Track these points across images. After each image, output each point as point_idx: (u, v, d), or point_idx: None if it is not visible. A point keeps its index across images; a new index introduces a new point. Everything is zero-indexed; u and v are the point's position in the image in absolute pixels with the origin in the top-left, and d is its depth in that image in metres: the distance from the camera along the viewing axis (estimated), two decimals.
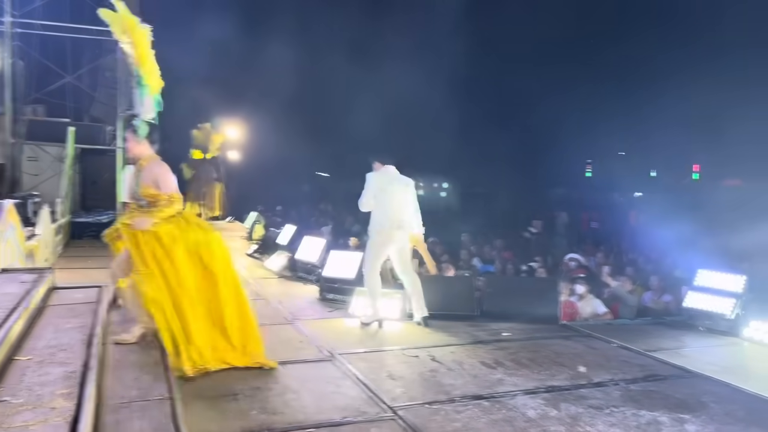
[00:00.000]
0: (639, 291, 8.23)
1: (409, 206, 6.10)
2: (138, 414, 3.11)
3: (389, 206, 5.98)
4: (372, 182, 6.04)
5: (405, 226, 6.04)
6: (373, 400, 4.01)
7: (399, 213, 6.00)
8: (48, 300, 4.89)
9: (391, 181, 6.05)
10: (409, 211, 6.09)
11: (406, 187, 6.12)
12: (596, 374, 4.67)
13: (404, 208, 6.05)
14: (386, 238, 5.99)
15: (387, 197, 5.99)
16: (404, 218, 6.03)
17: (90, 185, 14.11)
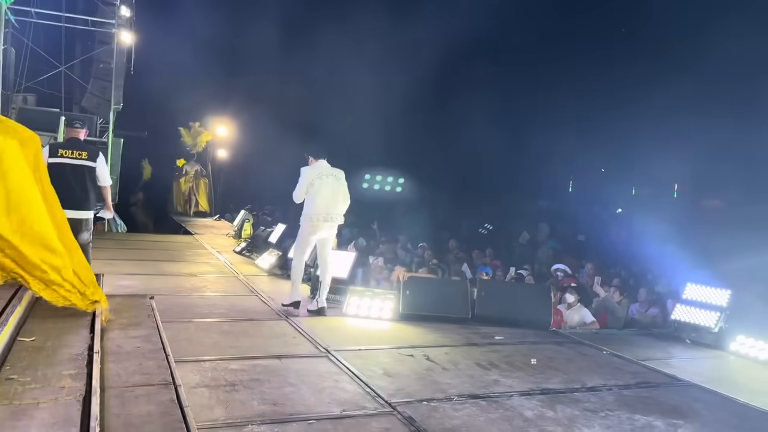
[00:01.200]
0: (626, 302, 8.34)
1: (339, 198, 6.40)
2: (144, 398, 3.10)
3: (319, 198, 6.31)
4: (304, 176, 6.37)
5: (333, 218, 6.39)
6: (371, 395, 4.03)
7: (327, 205, 6.34)
8: None
9: (320, 175, 6.36)
10: (340, 204, 6.41)
11: (337, 180, 6.44)
12: (590, 379, 4.74)
13: (334, 200, 6.37)
14: (314, 229, 6.36)
15: (316, 190, 6.31)
16: (332, 211, 6.37)
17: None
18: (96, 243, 10.66)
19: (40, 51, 13.16)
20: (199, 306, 6.34)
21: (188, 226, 14.51)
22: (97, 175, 6.36)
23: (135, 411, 2.93)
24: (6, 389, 2.63)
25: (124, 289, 6.76)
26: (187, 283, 7.58)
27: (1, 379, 2.71)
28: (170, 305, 6.18)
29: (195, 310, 6.12)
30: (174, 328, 5.29)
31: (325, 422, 3.51)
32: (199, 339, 5.09)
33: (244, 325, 5.69)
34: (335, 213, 6.40)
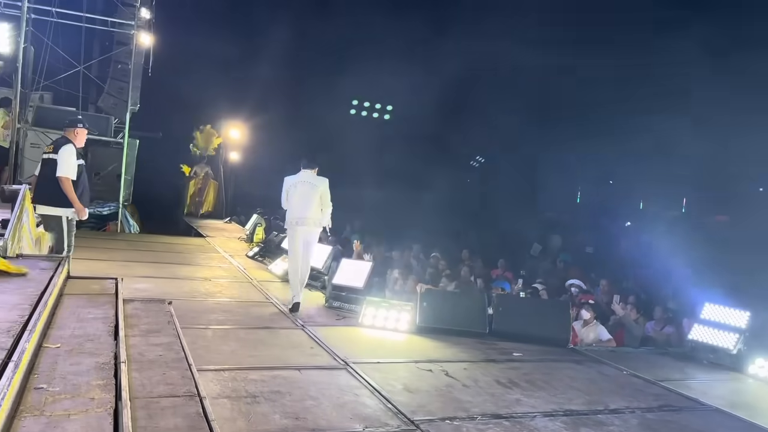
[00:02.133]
0: (642, 321, 8.26)
1: (313, 204, 6.79)
2: (170, 410, 3.06)
3: (291, 205, 6.87)
4: (284, 184, 6.97)
5: (305, 222, 6.80)
6: (392, 411, 3.99)
7: (299, 211, 6.80)
8: (66, 288, 4.84)
9: (295, 183, 6.87)
10: (312, 208, 6.79)
11: (312, 187, 6.82)
12: (612, 401, 4.68)
13: (304, 206, 6.78)
14: (292, 233, 6.93)
15: (290, 197, 6.88)
16: (302, 215, 6.78)
17: (93, 176, 13.97)
18: (109, 244, 10.74)
19: (58, 50, 13.21)
20: (215, 312, 6.31)
21: (200, 229, 14.50)
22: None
23: (162, 424, 2.89)
24: (37, 399, 2.60)
25: (141, 293, 6.73)
26: (202, 288, 7.56)
27: (30, 389, 2.69)
28: (186, 310, 6.15)
29: (211, 316, 6.10)
30: (191, 335, 5.25)
31: None
32: (216, 347, 5.06)
33: (261, 334, 5.66)
34: (306, 217, 6.79)
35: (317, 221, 6.93)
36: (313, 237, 7.02)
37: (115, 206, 12.58)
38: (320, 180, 6.95)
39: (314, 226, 6.93)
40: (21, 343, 2.77)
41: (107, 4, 13.76)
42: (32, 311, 3.30)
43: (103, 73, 14.91)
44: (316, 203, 6.88)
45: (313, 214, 6.85)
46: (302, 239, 6.88)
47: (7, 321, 3.09)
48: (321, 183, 6.93)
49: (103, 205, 12.85)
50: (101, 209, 12.52)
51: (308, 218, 6.84)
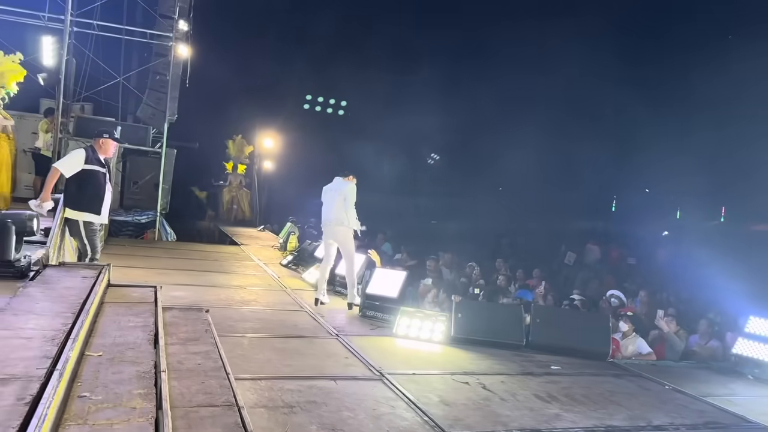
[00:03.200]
0: (683, 334, 8.04)
1: (336, 206, 7.33)
2: (209, 420, 3.07)
3: (323, 209, 7.55)
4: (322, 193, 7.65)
5: (328, 223, 7.43)
6: (429, 425, 3.94)
7: (325, 213, 7.50)
8: (106, 296, 4.91)
9: (327, 190, 7.55)
10: (336, 210, 7.33)
11: (338, 192, 7.37)
12: (654, 416, 4.55)
13: (330, 208, 7.40)
14: (324, 234, 7.68)
15: (323, 202, 7.56)
16: (328, 216, 7.42)
17: (131, 185, 14.29)
18: (146, 251, 10.91)
19: (99, 62, 13.54)
20: (250, 320, 6.35)
21: (234, 237, 14.66)
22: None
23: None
24: (80, 408, 2.62)
25: (178, 300, 6.80)
26: (237, 296, 7.61)
27: (74, 397, 2.72)
28: (222, 318, 6.20)
29: (246, 325, 6.13)
30: (228, 343, 5.29)
31: None
32: (252, 355, 5.08)
33: (296, 343, 5.66)
34: (329, 220, 7.42)
35: (341, 220, 7.33)
36: (342, 237, 7.42)
37: (153, 214, 12.79)
38: (345, 184, 7.43)
39: (339, 225, 7.37)
40: (65, 351, 2.81)
41: (146, 17, 14.08)
42: (75, 319, 3.35)
43: (142, 84, 15.21)
44: (339, 204, 7.35)
45: (336, 215, 7.36)
46: (330, 238, 7.52)
47: (52, 329, 3.14)
48: (345, 186, 7.40)
49: (141, 213, 13.10)
50: (140, 217, 12.76)
51: (332, 219, 7.38)
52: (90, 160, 6.24)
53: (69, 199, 6.15)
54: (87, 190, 6.22)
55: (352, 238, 7.49)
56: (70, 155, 6.30)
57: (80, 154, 6.21)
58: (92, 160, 6.27)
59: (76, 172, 6.23)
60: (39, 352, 2.74)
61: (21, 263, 4.59)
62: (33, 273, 4.73)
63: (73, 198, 6.18)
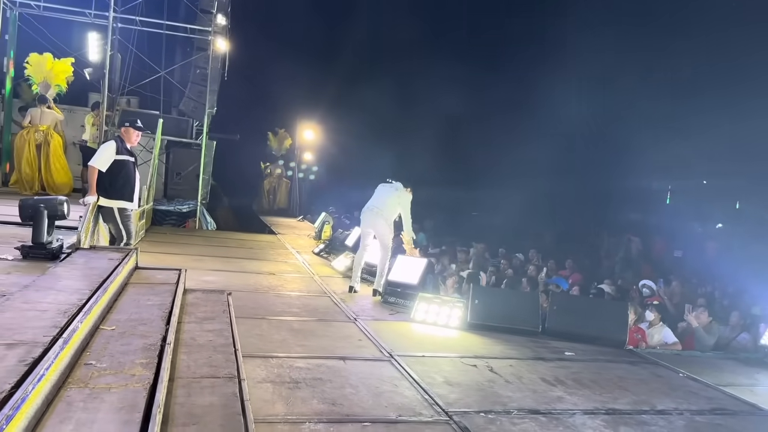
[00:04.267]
0: (715, 325, 7.88)
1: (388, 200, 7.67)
2: (208, 390, 3.28)
3: (374, 198, 7.82)
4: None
5: (373, 209, 7.65)
6: (428, 402, 4.06)
7: (373, 201, 7.78)
8: (132, 278, 5.20)
9: (382, 184, 7.89)
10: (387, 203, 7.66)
11: (393, 189, 7.72)
12: (660, 401, 4.55)
13: (380, 199, 7.72)
14: (363, 219, 7.86)
15: (375, 193, 7.88)
16: (375, 203, 7.70)
17: (174, 176, 14.81)
18: (186, 239, 11.32)
19: (143, 57, 14.06)
20: (274, 304, 6.58)
21: (273, 226, 15.04)
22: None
23: (199, 401, 3.11)
24: (84, 373, 2.86)
25: (207, 284, 7.10)
26: (266, 282, 7.87)
27: (80, 364, 2.96)
28: (247, 302, 6.47)
29: (269, 308, 6.36)
30: (248, 324, 5.54)
31: (379, 426, 3.58)
32: (269, 336, 5.29)
33: (313, 325, 5.85)
34: (376, 206, 7.65)
35: (386, 216, 7.60)
36: (382, 228, 7.66)
37: (194, 204, 13.24)
38: (405, 192, 7.76)
39: (381, 218, 7.61)
40: (74, 322, 3.05)
41: (187, 12, 14.52)
42: (91, 296, 3.60)
43: (185, 78, 15.72)
44: (392, 201, 7.66)
45: (383, 207, 7.63)
46: (369, 227, 7.73)
47: (67, 303, 3.40)
48: (404, 193, 7.74)
49: (183, 203, 13.57)
50: (181, 207, 13.22)
51: (377, 207, 7.64)
52: (120, 151, 6.57)
53: (102, 188, 6.49)
54: (119, 179, 6.56)
55: (390, 231, 7.74)
56: (101, 150, 6.63)
57: (111, 147, 6.54)
58: (122, 151, 6.59)
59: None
60: (50, 323, 2.99)
61: (53, 246, 4.91)
62: (64, 255, 5.06)
63: (106, 187, 6.52)
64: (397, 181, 7.79)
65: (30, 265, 4.54)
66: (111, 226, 6.63)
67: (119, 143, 6.62)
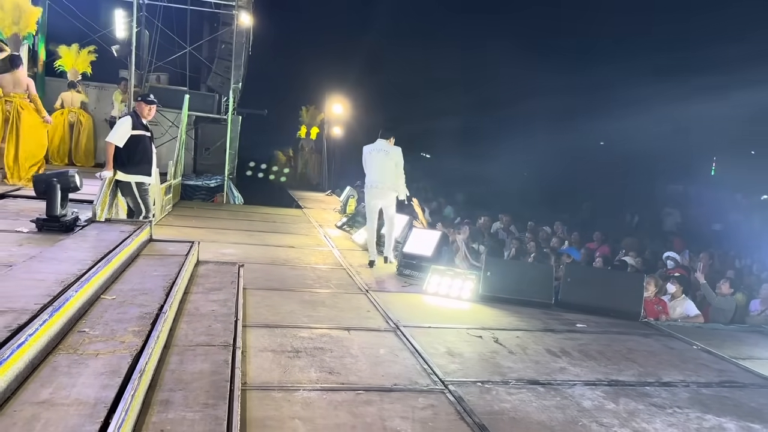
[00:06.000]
0: (739, 298, 7.68)
1: (387, 170, 7.41)
2: (201, 357, 3.36)
3: (369, 171, 7.54)
4: (363, 152, 7.65)
5: (380, 186, 7.45)
6: (427, 372, 4.08)
7: (374, 175, 7.49)
8: (143, 250, 5.33)
9: (371, 151, 7.51)
10: (387, 173, 7.42)
11: (386, 154, 7.43)
12: (667, 373, 4.47)
13: (379, 171, 7.45)
14: (369, 196, 7.62)
15: (368, 164, 7.55)
16: (378, 180, 7.45)
17: (203, 151, 15.02)
18: (213, 213, 11.52)
19: (170, 33, 14.19)
20: (288, 276, 6.66)
21: (300, 201, 15.16)
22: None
23: (189, 368, 3.19)
24: (76, 340, 2.97)
25: (225, 257, 7.23)
26: (284, 254, 7.97)
27: (74, 331, 3.06)
28: (262, 274, 6.57)
29: (283, 280, 6.45)
30: (259, 295, 5.63)
31: (373, 393, 3.61)
32: (278, 306, 5.36)
33: (324, 297, 5.91)
34: (381, 182, 7.44)
35: (392, 186, 7.50)
36: (389, 201, 7.60)
37: (222, 179, 13.43)
38: (394, 149, 7.52)
39: (389, 191, 7.52)
40: (68, 291, 3.15)
41: None
42: (92, 266, 3.71)
43: (213, 54, 15.83)
44: (391, 170, 7.49)
45: (387, 179, 7.48)
46: (378, 202, 7.57)
47: (66, 273, 3.51)
48: (395, 152, 7.51)
49: (211, 177, 13.78)
50: (209, 182, 13.42)
51: (382, 182, 7.48)
52: (136, 126, 6.67)
53: (120, 163, 6.62)
54: (136, 153, 6.67)
55: (395, 202, 7.78)
56: (118, 125, 6.72)
57: (127, 123, 6.65)
58: (138, 125, 6.70)
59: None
60: (44, 291, 3.10)
61: (67, 218, 5.06)
62: (79, 228, 5.21)
63: (124, 162, 6.64)
64: (383, 137, 7.51)
65: (43, 238, 4.69)
66: (129, 200, 6.78)
67: (135, 118, 6.72)
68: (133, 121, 6.68)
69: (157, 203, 9.27)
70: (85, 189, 5.73)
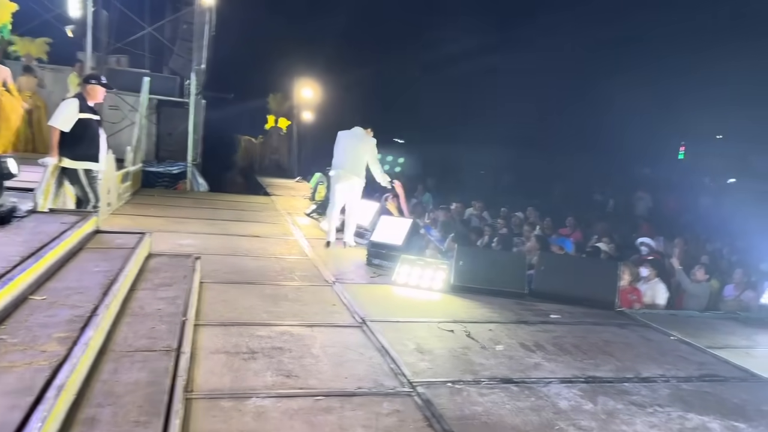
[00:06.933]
0: (714, 284, 7.55)
1: (355, 156, 7.43)
2: (139, 364, 3.02)
3: (337, 153, 7.59)
4: (338, 136, 7.69)
5: (344, 168, 7.45)
6: (394, 372, 3.79)
7: (340, 158, 7.52)
8: (87, 243, 4.93)
9: (345, 135, 7.57)
10: (354, 159, 7.42)
11: (359, 141, 7.45)
12: (646, 368, 4.25)
13: (345, 155, 7.47)
14: (334, 178, 7.62)
15: (338, 147, 7.61)
16: (343, 162, 7.47)
17: (166, 136, 14.46)
18: (174, 201, 11.06)
19: (129, 13, 13.58)
20: (250, 268, 6.31)
21: (269, 187, 14.74)
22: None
23: (124, 378, 2.85)
24: None
25: (182, 248, 6.84)
26: (247, 244, 7.60)
27: None
28: (221, 266, 6.20)
29: (244, 272, 6.10)
30: (216, 290, 5.28)
31: (333, 399, 3.31)
32: (236, 302, 5.02)
33: (287, 290, 5.58)
34: (346, 166, 7.44)
35: (358, 172, 7.47)
36: (355, 187, 7.57)
37: (184, 165, 12.94)
38: (368, 139, 7.55)
39: (354, 176, 7.48)
40: None
41: None
42: (19, 263, 3.33)
43: (176, 35, 15.24)
44: (359, 157, 7.47)
45: (353, 165, 7.45)
46: (341, 185, 7.54)
47: None
48: (368, 141, 7.53)
49: (173, 164, 13.26)
50: (171, 168, 12.92)
51: (347, 166, 7.46)
52: (83, 109, 6.22)
53: (66, 149, 6.17)
54: (84, 139, 6.22)
55: (362, 183, 7.66)
56: (62, 109, 6.24)
57: (73, 106, 6.18)
58: (85, 109, 6.24)
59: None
60: None
61: (2, 209, 4.63)
62: (17, 219, 4.78)
63: (70, 148, 6.19)
64: (360, 126, 7.58)
65: None
66: (77, 189, 6.34)
67: (81, 101, 6.26)
68: (80, 103, 6.23)
69: (113, 191, 8.82)
70: (28, 176, 5.32)
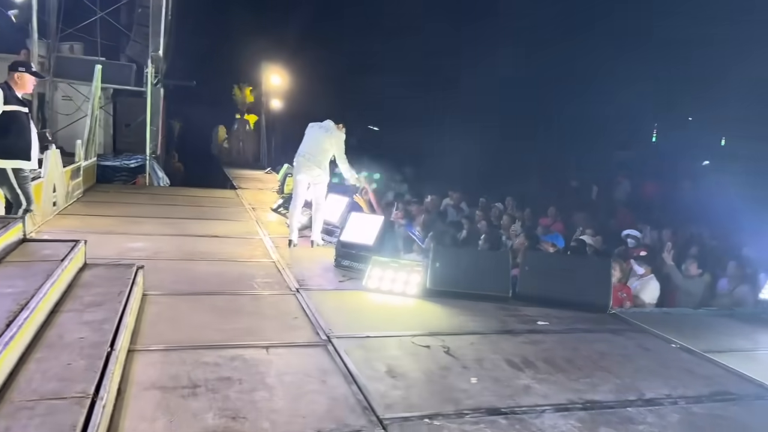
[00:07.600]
0: (706, 279, 7.11)
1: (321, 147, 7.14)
2: (39, 419, 2.41)
3: (303, 143, 7.31)
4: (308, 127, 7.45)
5: (307, 157, 7.15)
6: (362, 405, 3.22)
7: (305, 147, 7.24)
8: (9, 255, 4.27)
9: (314, 126, 7.33)
10: (319, 150, 7.14)
11: (327, 133, 7.19)
12: (650, 386, 3.74)
13: (313, 146, 7.17)
14: (296, 168, 7.31)
15: (306, 136, 7.34)
16: (307, 151, 7.18)
17: (123, 128, 13.62)
18: (131, 198, 10.33)
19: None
20: (203, 276, 5.68)
21: (236, 180, 14.05)
22: None
23: None
24: None
25: (131, 252, 6.20)
26: (205, 246, 6.97)
27: None
28: (170, 274, 5.59)
29: (196, 281, 5.48)
30: (161, 304, 4.67)
31: None
32: (183, 319, 4.41)
33: (244, 301, 4.98)
34: (309, 154, 7.12)
35: (320, 164, 7.14)
36: (318, 179, 7.24)
37: (142, 158, 12.16)
38: (337, 133, 7.21)
39: (316, 167, 7.14)
40: None
41: None
42: None
43: (132, 21, 14.37)
44: (324, 149, 7.14)
45: (316, 155, 7.13)
46: (304, 177, 7.23)
47: None
48: (336, 135, 7.19)
49: (131, 157, 12.46)
50: (129, 162, 12.14)
51: (310, 156, 7.14)
52: (8, 100, 5.49)
53: None
54: (10, 134, 5.50)
55: (326, 177, 7.25)
56: None
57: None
58: (11, 100, 5.52)
59: None
60: None
61: None
62: None
63: None
64: (332, 121, 7.30)
65: None
66: (5, 190, 5.63)
67: (7, 91, 5.53)
68: (5, 94, 5.49)
69: (60, 190, 8.09)
70: None
